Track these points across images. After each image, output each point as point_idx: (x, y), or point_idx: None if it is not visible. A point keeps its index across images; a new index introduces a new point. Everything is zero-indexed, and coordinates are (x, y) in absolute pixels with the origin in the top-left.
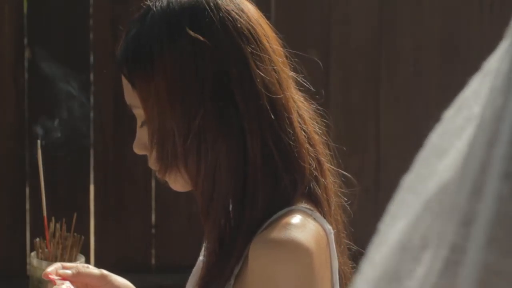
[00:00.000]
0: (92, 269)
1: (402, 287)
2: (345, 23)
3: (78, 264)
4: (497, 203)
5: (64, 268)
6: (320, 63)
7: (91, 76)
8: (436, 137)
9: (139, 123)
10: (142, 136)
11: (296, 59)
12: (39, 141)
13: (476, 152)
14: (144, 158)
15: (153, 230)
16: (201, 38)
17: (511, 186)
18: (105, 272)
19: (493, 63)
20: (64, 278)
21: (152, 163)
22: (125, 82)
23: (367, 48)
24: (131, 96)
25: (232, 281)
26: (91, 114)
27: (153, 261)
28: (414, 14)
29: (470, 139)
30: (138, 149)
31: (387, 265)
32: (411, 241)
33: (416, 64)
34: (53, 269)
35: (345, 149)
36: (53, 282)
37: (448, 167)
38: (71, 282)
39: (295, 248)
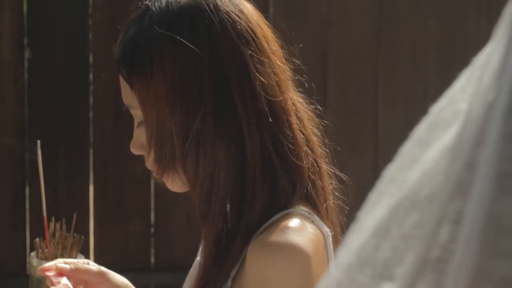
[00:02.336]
0: (91, 266)
1: (376, 274)
2: (344, 23)
3: (79, 260)
4: (485, 205)
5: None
6: (318, 63)
7: (91, 76)
8: (421, 130)
9: (136, 123)
10: (139, 136)
11: (295, 60)
12: (39, 141)
13: (462, 150)
14: (144, 158)
15: (152, 230)
16: (200, 40)
17: (498, 187)
18: (103, 269)
19: (482, 59)
20: (61, 273)
21: (150, 164)
22: (123, 82)
23: (366, 48)
24: (129, 97)
25: (229, 283)
26: (91, 114)
27: (152, 260)
28: (412, 15)
29: (456, 136)
30: (135, 149)
31: (362, 252)
32: (389, 230)
33: (415, 64)
34: (52, 264)
35: (343, 149)
36: (48, 279)
37: (431, 159)
38: (69, 278)
39: (292, 252)
